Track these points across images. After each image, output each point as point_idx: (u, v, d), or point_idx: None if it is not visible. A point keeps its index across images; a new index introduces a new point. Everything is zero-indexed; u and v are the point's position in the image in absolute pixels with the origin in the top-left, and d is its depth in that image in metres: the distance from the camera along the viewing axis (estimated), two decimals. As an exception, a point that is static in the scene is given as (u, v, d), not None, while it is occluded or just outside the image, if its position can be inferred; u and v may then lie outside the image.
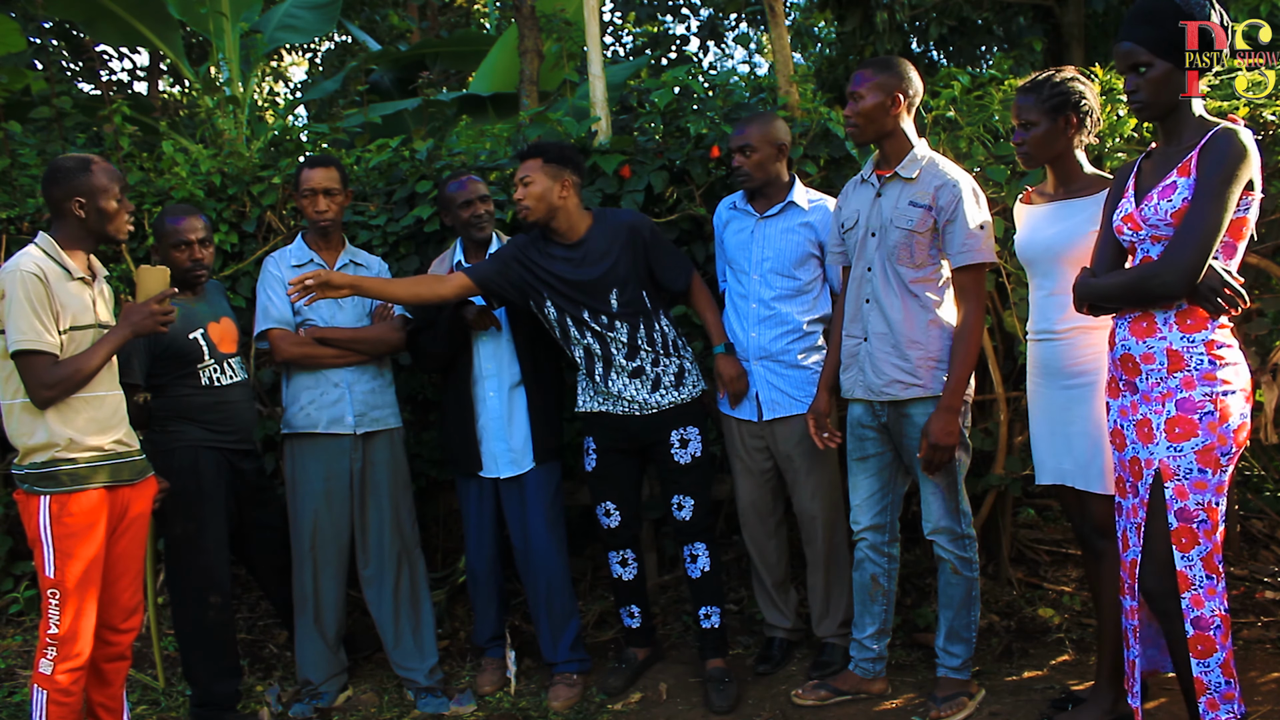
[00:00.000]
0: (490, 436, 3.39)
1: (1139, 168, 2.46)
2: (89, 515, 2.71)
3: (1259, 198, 2.30)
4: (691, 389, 3.31)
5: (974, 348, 2.88)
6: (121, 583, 2.85)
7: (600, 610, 4.00)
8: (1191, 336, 2.30)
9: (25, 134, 4.79)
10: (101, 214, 2.77)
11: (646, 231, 3.29)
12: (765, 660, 3.46)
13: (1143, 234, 2.35)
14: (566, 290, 3.23)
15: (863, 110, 2.91)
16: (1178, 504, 2.29)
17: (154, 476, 2.96)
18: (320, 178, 3.38)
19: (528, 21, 6.38)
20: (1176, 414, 2.29)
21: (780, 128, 3.31)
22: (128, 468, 2.82)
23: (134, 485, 2.85)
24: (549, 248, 3.27)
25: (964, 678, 3.05)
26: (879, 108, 2.90)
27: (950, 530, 2.98)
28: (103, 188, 2.76)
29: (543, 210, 3.19)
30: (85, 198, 2.75)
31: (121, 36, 7.64)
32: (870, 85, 2.90)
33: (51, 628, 2.68)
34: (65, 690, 2.69)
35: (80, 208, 2.75)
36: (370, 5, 12.77)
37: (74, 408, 2.70)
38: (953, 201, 2.86)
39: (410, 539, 3.51)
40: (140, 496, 2.88)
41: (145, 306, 2.78)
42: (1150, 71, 2.29)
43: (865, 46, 7.69)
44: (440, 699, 3.39)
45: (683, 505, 3.32)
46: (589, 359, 3.28)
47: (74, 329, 2.70)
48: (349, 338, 3.39)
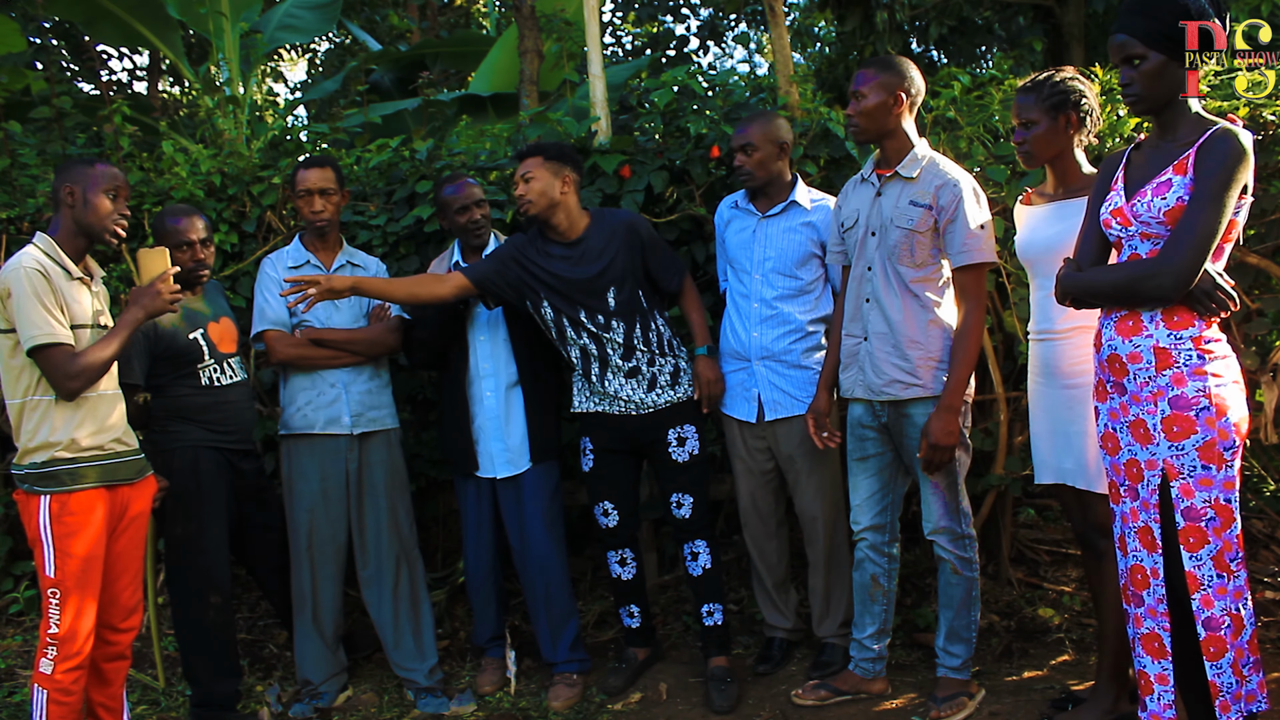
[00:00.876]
0: (487, 436, 3.39)
1: (1127, 159, 2.44)
2: (89, 514, 2.71)
3: (1250, 200, 2.30)
4: (687, 388, 3.31)
5: (974, 348, 2.88)
6: (121, 582, 2.85)
7: (600, 610, 4.00)
8: (1179, 333, 2.28)
9: (25, 134, 4.79)
10: (89, 205, 2.76)
11: (644, 230, 3.31)
12: (765, 660, 3.46)
13: (1132, 230, 2.33)
14: (564, 288, 3.23)
15: (865, 110, 2.91)
16: (1184, 503, 2.27)
17: (153, 476, 2.96)
18: (316, 178, 3.38)
19: (528, 21, 6.38)
20: (1172, 412, 2.27)
21: (782, 126, 3.31)
22: (126, 467, 2.82)
23: (133, 484, 2.86)
24: (547, 246, 3.28)
25: (964, 678, 3.05)
26: (881, 107, 2.90)
27: (951, 530, 2.98)
28: (97, 181, 2.76)
29: (544, 205, 3.21)
30: (76, 185, 2.75)
31: (121, 36, 7.63)
32: (873, 84, 2.90)
33: (52, 627, 2.68)
34: (65, 689, 2.69)
35: (70, 195, 2.75)
36: (370, 5, 12.77)
37: (75, 407, 2.71)
38: (953, 201, 2.86)
39: (408, 539, 3.51)
40: (139, 496, 2.88)
41: (151, 288, 2.79)
42: (1144, 64, 2.28)
43: (865, 46, 7.68)
44: (440, 699, 3.39)
45: (682, 503, 3.32)
46: (585, 359, 3.28)
47: (75, 328, 2.71)
48: (345, 339, 3.39)
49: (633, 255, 3.26)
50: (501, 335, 3.40)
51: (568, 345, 3.29)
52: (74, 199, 2.76)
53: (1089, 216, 2.49)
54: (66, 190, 2.76)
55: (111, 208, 2.80)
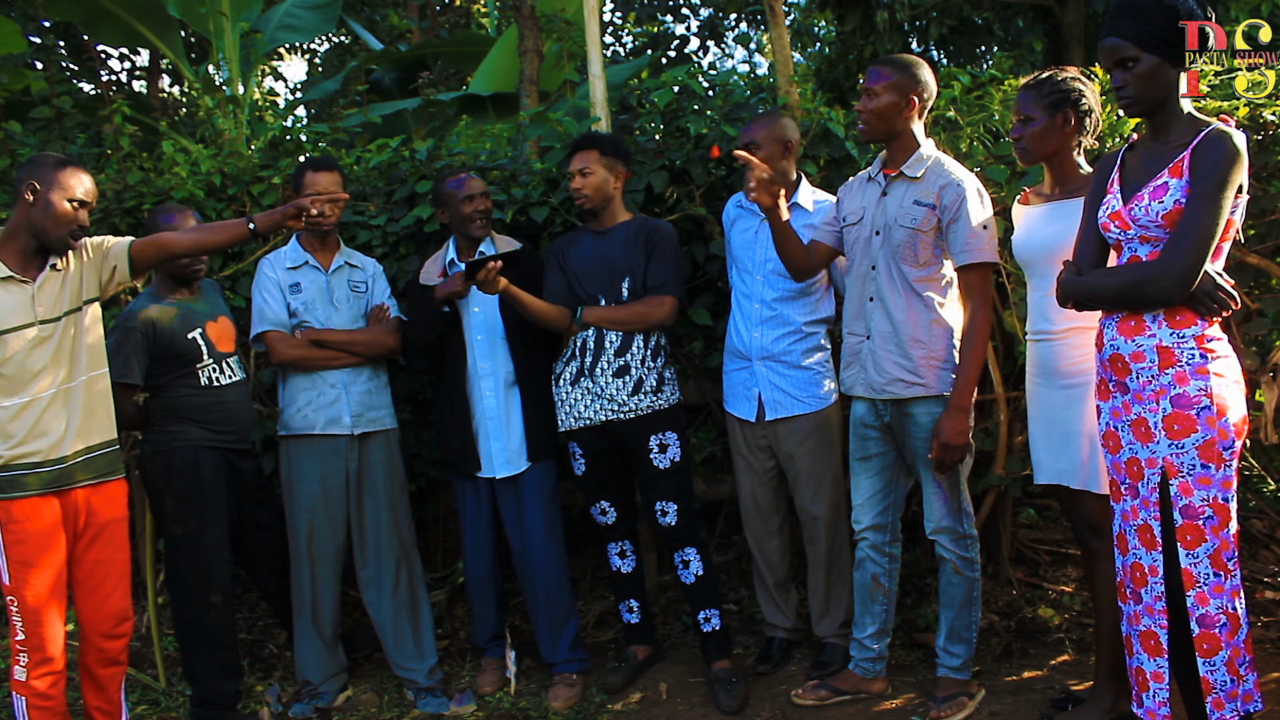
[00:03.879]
0: (487, 436, 3.39)
1: (1122, 160, 2.44)
2: (36, 522, 2.67)
3: (1245, 199, 2.31)
4: (669, 396, 3.32)
5: (981, 346, 2.88)
6: (104, 589, 2.82)
7: (600, 610, 3.99)
8: (1181, 332, 2.29)
9: (25, 134, 4.80)
10: (48, 208, 2.67)
11: (661, 234, 3.34)
12: (765, 660, 3.46)
13: (1131, 233, 2.34)
14: (589, 266, 3.29)
15: (877, 108, 2.91)
16: (1182, 501, 2.28)
17: (123, 479, 2.90)
18: (326, 182, 3.35)
19: (528, 21, 6.38)
20: (1173, 411, 2.28)
21: (787, 126, 3.31)
22: (77, 470, 2.75)
23: (94, 487, 2.79)
24: (580, 236, 3.38)
25: (964, 678, 3.05)
26: (893, 107, 2.91)
27: (952, 530, 2.98)
28: (63, 184, 2.69)
29: (599, 199, 3.30)
30: (40, 184, 2.68)
31: (121, 36, 7.64)
32: (887, 84, 2.90)
33: (18, 634, 2.67)
34: (43, 695, 2.68)
35: (31, 192, 2.68)
36: (370, 5, 12.77)
37: (14, 414, 2.66)
38: (957, 200, 2.86)
39: (408, 540, 3.51)
40: (106, 501, 2.83)
41: None
42: (1138, 66, 2.28)
43: (865, 46, 7.68)
44: (440, 699, 3.39)
45: (666, 511, 3.32)
46: (581, 354, 3.29)
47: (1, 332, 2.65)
48: (344, 339, 3.39)
49: (639, 251, 3.30)
50: (499, 334, 3.40)
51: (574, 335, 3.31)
52: (35, 197, 2.68)
53: (1086, 218, 2.49)
54: (29, 186, 2.68)
55: (72, 215, 2.71)
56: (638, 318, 3.27)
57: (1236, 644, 2.28)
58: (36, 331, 2.69)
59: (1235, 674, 2.28)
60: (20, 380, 2.68)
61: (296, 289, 3.40)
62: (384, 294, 3.54)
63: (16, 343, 2.67)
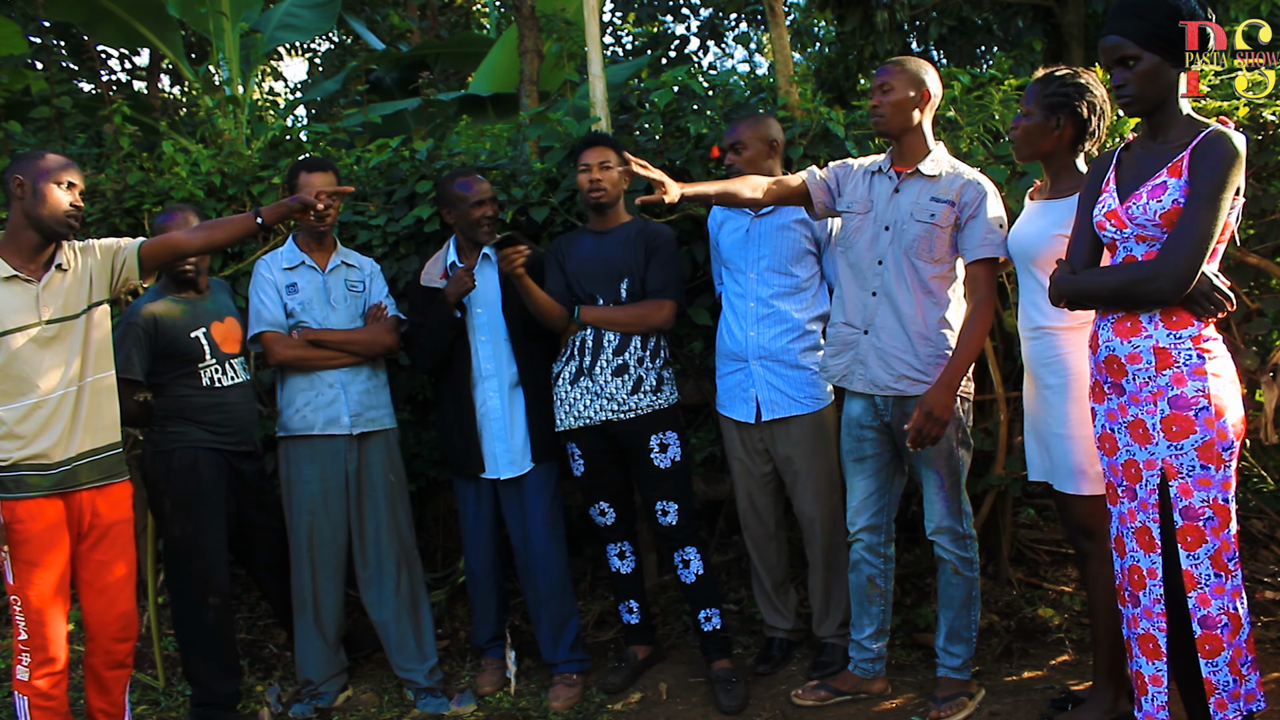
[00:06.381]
0: (492, 437, 3.39)
1: (1118, 160, 2.44)
2: (41, 522, 2.67)
3: (1243, 201, 2.31)
4: (669, 396, 3.32)
5: (980, 335, 2.86)
6: (110, 591, 2.82)
7: (600, 610, 4.00)
8: (1178, 333, 2.29)
9: (25, 134, 4.80)
10: (38, 196, 2.69)
11: (661, 237, 3.35)
12: (765, 660, 3.46)
13: (1128, 232, 2.33)
14: (589, 266, 3.30)
15: (893, 101, 2.92)
16: (1182, 502, 2.28)
17: (128, 481, 2.90)
18: (320, 182, 3.35)
19: (528, 21, 6.38)
20: (1172, 412, 2.28)
21: (771, 125, 3.31)
22: (82, 472, 2.76)
23: (98, 490, 2.80)
24: (580, 236, 3.39)
25: (964, 678, 3.05)
26: (908, 101, 2.91)
27: (952, 530, 2.98)
28: (46, 170, 2.70)
29: (615, 195, 3.34)
30: (25, 176, 2.70)
31: (121, 37, 7.64)
32: (901, 78, 2.92)
33: (21, 634, 2.67)
34: (45, 694, 2.68)
35: (20, 186, 2.70)
36: (371, 5, 12.76)
37: (20, 416, 2.66)
38: (977, 198, 2.87)
39: (408, 540, 3.51)
40: (111, 503, 2.83)
41: None
42: (1139, 65, 2.28)
43: (865, 46, 7.68)
44: (440, 699, 3.39)
45: (667, 511, 3.32)
46: (580, 354, 3.29)
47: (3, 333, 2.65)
48: (342, 339, 3.39)
49: (638, 253, 3.30)
50: (502, 335, 3.40)
51: (573, 334, 3.32)
52: (23, 190, 2.70)
53: (1080, 218, 2.49)
54: (16, 182, 2.70)
55: (63, 198, 2.72)
56: (636, 320, 3.28)
57: (1238, 644, 2.28)
58: (40, 331, 2.70)
59: (1238, 674, 2.28)
60: (28, 381, 2.68)
61: (293, 289, 3.40)
62: (381, 293, 3.54)
63: (21, 342, 2.67)
